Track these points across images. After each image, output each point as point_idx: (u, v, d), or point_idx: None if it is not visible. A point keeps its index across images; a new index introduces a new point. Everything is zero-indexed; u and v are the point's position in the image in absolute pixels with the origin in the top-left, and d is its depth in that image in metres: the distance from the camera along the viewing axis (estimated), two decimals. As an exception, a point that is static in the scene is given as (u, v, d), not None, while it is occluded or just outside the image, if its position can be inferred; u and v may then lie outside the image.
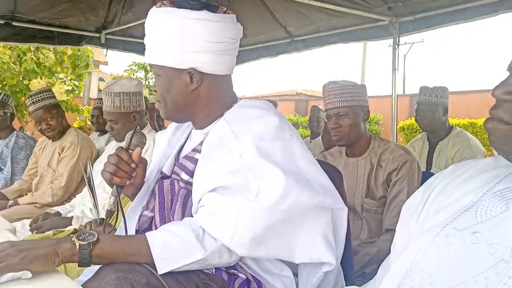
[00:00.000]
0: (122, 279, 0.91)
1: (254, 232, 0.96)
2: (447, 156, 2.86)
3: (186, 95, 1.12)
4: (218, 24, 1.07)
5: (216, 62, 1.10)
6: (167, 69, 1.11)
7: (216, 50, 1.08)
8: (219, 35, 1.07)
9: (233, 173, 1.00)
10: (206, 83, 1.12)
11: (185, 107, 1.15)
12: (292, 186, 0.96)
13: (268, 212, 0.95)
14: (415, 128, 11.37)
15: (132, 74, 22.22)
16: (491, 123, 0.62)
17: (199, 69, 1.09)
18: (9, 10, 3.58)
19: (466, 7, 3.07)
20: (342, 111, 1.93)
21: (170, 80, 1.12)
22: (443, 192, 0.73)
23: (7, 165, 3.08)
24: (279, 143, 1.03)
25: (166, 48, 1.08)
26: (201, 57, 1.08)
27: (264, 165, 0.98)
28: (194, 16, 1.05)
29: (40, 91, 2.71)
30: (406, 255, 0.70)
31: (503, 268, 0.57)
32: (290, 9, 3.71)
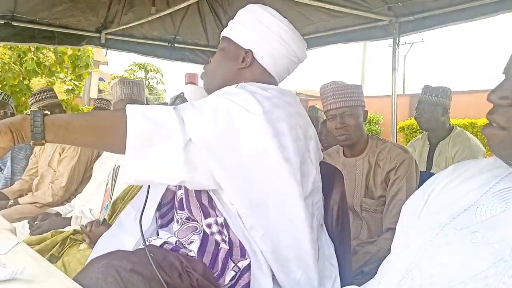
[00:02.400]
0: (108, 266, 0.93)
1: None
2: (448, 156, 2.86)
3: (233, 70, 1.25)
4: (291, 34, 1.24)
5: (271, 58, 1.23)
6: (230, 42, 1.26)
7: (277, 48, 1.22)
8: (287, 41, 1.23)
9: (223, 91, 1.10)
10: (253, 69, 1.24)
11: (226, 81, 1.24)
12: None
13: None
14: (415, 128, 11.38)
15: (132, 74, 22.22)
16: (488, 129, 0.62)
17: (254, 55, 1.23)
18: (9, 10, 3.58)
19: (466, 7, 3.07)
20: (347, 110, 1.94)
21: (228, 52, 1.26)
22: (443, 192, 0.73)
23: (7, 165, 3.08)
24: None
25: (240, 28, 1.25)
26: (263, 46, 1.22)
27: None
28: (277, 16, 1.24)
29: (43, 90, 2.73)
30: (406, 254, 0.70)
31: (503, 268, 0.57)
32: (290, 9, 3.71)
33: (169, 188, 1.27)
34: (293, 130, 1.10)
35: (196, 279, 1.03)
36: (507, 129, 0.60)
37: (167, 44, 4.62)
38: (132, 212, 1.29)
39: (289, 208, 1.06)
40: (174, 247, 1.12)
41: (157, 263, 0.98)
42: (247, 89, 1.10)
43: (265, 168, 1.04)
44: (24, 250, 1.10)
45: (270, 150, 1.03)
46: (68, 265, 1.69)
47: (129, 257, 0.98)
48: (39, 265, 0.99)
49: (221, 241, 1.09)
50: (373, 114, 13.99)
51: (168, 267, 1.01)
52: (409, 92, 17.66)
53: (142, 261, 0.97)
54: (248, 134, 1.02)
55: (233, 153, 1.00)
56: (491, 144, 0.63)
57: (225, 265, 1.07)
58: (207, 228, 1.12)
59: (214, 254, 1.08)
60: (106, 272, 0.92)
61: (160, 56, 4.76)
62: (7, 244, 1.12)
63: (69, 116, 0.95)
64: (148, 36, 4.49)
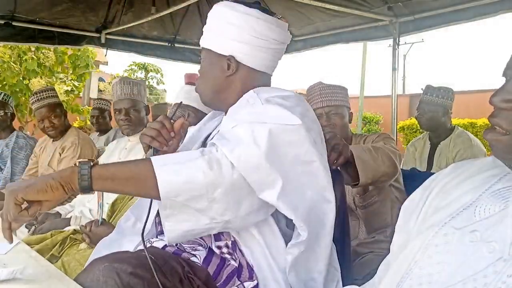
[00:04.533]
0: (109, 268, 0.93)
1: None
2: (448, 156, 2.86)
3: (221, 80, 1.22)
4: (265, 23, 1.17)
5: (254, 56, 1.20)
6: (211, 53, 1.23)
7: (256, 44, 1.18)
8: (262, 32, 1.17)
9: (250, 113, 1.06)
10: (241, 73, 1.21)
11: (218, 92, 1.24)
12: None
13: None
14: (415, 128, 11.38)
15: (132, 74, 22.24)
16: (490, 134, 0.62)
17: (237, 58, 1.19)
18: (9, 10, 3.58)
19: (466, 7, 3.06)
20: (333, 109, 1.99)
21: (211, 63, 1.24)
22: (442, 191, 0.74)
23: (7, 165, 3.08)
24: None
25: (215, 34, 1.21)
26: (242, 47, 1.18)
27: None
28: (244, 11, 1.17)
29: (44, 89, 2.72)
30: (405, 254, 0.70)
31: (502, 267, 0.57)
32: (290, 9, 3.71)
33: None
34: (318, 137, 1.13)
35: (197, 286, 1.03)
36: (511, 133, 0.60)
37: (167, 44, 4.62)
38: (131, 218, 1.27)
39: (327, 215, 1.09)
40: (176, 250, 1.11)
41: (157, 267, 0.98)
42: (272, 102, 1.09)
43: (311, 176, 1.06)
44: (24, 250, 1.10)
45: (314, 159, 1.05)
46: (68, 265, 1.69)
47: (130, 259, 0.98)
48: (39, 265, 0.99)
49: (230, 259, 1.09)
50: (373, 114, 13.99)
51: (169, 271, 1.00)
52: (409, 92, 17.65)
53: (143, 264, 0.97)
54: (292, 146, 1.03)
55: (282, 169, 1.00)
56: (495, 149, 0.63)
57: (230, 279, 1.07)
58: (217, 249, 1.12)
59: (220, 266, 1.08)
60: (107, 274, 0.92)
61: (160, 56, 4.76)
62: (7, 244, 1.12)
63: (114, 167, 0.97)
64: (148, 36, 4.49)
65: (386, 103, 4.55)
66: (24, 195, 0.89)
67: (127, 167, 0.97)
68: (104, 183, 0.94)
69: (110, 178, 0.94)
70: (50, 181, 0.91)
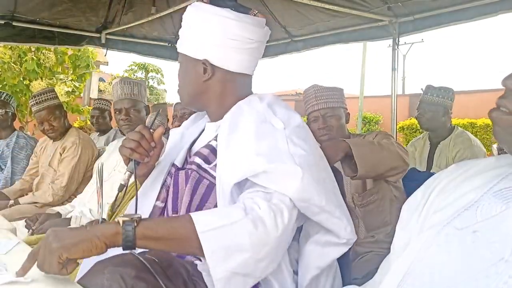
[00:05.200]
0: (113, 272, 0.93)
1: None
2: (448, 156, 2.86)
3: (198, 85, 1.20)
4: (237, 23, 1.13)
5: (229, 58, 1.16)
6: (186, 57, 1.20)
7: (230, 46, 1.14)
8: (236, 33, 1.13)
9: (274, 148, 1.03)
10: (217, 77, 1.18)
11: (197, 96, 1.22)
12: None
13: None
14: (415, 128, 11.38)
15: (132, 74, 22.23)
16: (496, 112, 0.62)
17: (212, 62, 1.16)
18: (9, 10, 3.57)
19: (466, 7, 3.06)
20: (329, 112, 2.00)
21: (187, 68, 1.22)
22: (444, 191, 0.74)
23: (7, 165, 3.08)
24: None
25: (188, 38, 1.19)
26: (216, 50, 1.15)
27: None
28: (215, 12, 1.13)
29: (43, 92, 2.72)
30: (406, 254, 0.70)
31: (503, 267, 0.57)
32: (290, 9, 3.71)
33: (156, 205, 1.22)
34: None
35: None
36: None
37: (167, 44, 4.62)
38: None
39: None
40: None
41: (161, 270, 0.97)
42: (294, 137, 1.09)
43: (334, 182, 1.14)
44: (24, 250, 1.10)
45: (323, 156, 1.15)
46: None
47: (133, 262, 0.97)
48: (40, 265, 0.99)
49: None
50: (373, 114, 14.00)
51: (173, 275, 0.99)
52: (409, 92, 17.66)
53: (147, 267, 0.96)
54: (315, 146, 1.13)
55: (321, 170, 1.09)
56: (497, 128, 0.63)
57: None
58: None
59: None
60: (111, 278, 0.91)
61: (160, 56, 4.76)
62: (7, 244, 1.12)
63: (157, 227, 0.94)
64: (148, 36, 4.49)
65: (386, 103, 4.55)
66: (69, 255, 0.86)
67: (171, 227, 0.94)
68: (147, 243, 0.92)
69: (154, 239, 0.92)
70: (96, 241, 0.88)
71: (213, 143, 1.17)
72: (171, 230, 0.93)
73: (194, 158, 1.17)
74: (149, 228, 0.92)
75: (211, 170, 1.13)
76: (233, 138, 1.08)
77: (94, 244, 0.88)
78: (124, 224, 0.90)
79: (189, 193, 1.13)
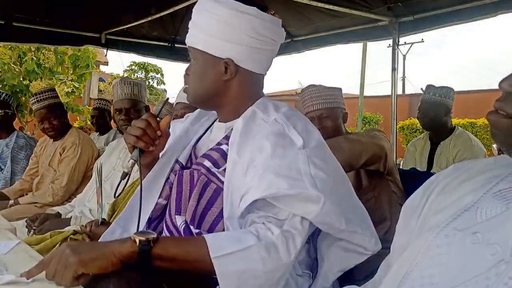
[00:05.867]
0: (119, 276, 0.91)
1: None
2: (448, 156, 2.86)
3: (218, 84, 1.14)
4: (264, 22, 1.10)
5: (254, 59, 1.13)
6: (205, 55, 1.13)
7: (255, 46, 1.11)
8: (262, 33, 1.10)
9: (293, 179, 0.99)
10: (239, 77, 1.14)
11: (214, 96, 1.16)
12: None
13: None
14: (415, 128, 11.37)
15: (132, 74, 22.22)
16: (493, 115, 0.62)
17: (236, 62, 1.12)
18: (9, 10, 3.58)
19: (466, 7, 3.07)
20: (324, 112, 1.99)
21: (206, 66, 1.14)
22: (443, 192, 0.73)
23: (7, 165, 3.08)
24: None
25: (210, 35, 1.10)
26: (241, 50, 1.10)
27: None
28: (243, 10, 1.08)
29: (44, 90, 2.72)
30: (406, 255, 0.70)
31: (503, 269, 0.57)
32: (290, 9, 3.70)
33: (159, 202, 1.22)
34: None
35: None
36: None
37: (167, 44, 4.62)
38: (117, 229, 1.19)
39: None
40: None
41: (168, 274, 0.97)
42: (300, 119, 1.14)
43: (347, 184, 1.17)
44: (24, 250, 1.10)
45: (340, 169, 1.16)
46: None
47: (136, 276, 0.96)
48: (39, 265, 0.99)
49: None
50: (373, 114, 13.99)
51: (181, 278, 0.99)
52: (409, 92, 17.65)
53: (153, 272, 0.95)
54: (333, 162, 1.13)
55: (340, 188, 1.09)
56: (495, 131, 0.62)
57: None
58: None
59: None
60: (118, 284, 0.90)
61: (160, 56, 4.76)
62: (8, 244, 1.12)
63: (173, 248, 0.95)
64: (148, 36, 4.49)
65: (386, 103, 4.55)
66: (85, 270, 0.87)
67: (186, 250, 0.95)
68: (162, 263, 0.93)
69: (168, 260, 0.93)
70: (112, 259, 0.89)
71: (224, 147, 1.14)
72: (185, 253, 0.95)
73: (203, 161, 1.15)
74: (165, 250, 0.93)
75: (220, 174, 1.11)
76: (248, 148, 1.06)
77: (111, 262, 0.89)
78: (140, 244, 0.91)
79: (196, 197, 1.11)
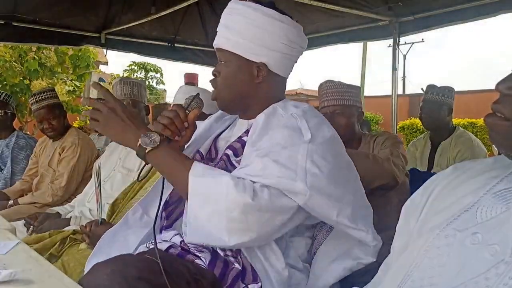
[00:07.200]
0: (115, 273, 0.92)
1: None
2: (449, 156, 2.86)
3: (250, 86, 1.20)
4: (294, 30, 1.18)
5: (283, 64, 1.20)
6: (239, 58, 1.18)
7: (286, 52, 1.18)
8: (293, 40, 1.17)
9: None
10: (269, 80, 1.20)
11: (244, 97, 1.22)
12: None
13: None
14: (415, 128, 11.38)
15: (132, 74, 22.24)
16: (491, 118, 0.62)
17: (268, 66, 1.17)
18: (9, 10, 3.58)
19: (466, 7, 3.06)
20: (338, 109, 1.96)
21: (238, 69, 1.19)
22: (443, 193, 0.73)
23: (7, 165, 3.07)
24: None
25: (246, 39, 1.15)
26: (274, 55, 1.17)
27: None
28: (278, 18, 1.15)
29: (43, 91, 2.72)
30: (406, 256, 0.70)
31: (503, 269, 0.57)
32: (291, 8, 3.70)
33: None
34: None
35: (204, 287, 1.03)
36: (511, 120, 0.59)
37: (167, 44, 4.61)
38: (139, 210, 1.27)
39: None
40: (180, 252, 1.11)
41: (163, 270, 0.97)
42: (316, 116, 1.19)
43: (355, 184, 1.20)
44: (24, 250, 1.10)
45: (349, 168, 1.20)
46: (68, 265, 1.69)
47: (135, 263, 0.97)
48: (39, 265, 0.99)
49: (234, 262, 1.10)
50: (373, 114, 13.99)
51: (175, 274, 1.00)
52: (409, 92, 17.66)
53: (149, 268, 0.96)
54: (339, 160, 1.16)
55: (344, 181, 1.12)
56: (493, 134, 0.62)
57: (235, 283, 1.07)
58: (221, 252, 1.12)
59: (224, 269, 1.08)
60: (113, 279, 0.90)
61: (160, 56, 4.76)
62: (7, 244, 1.12)
63: (164, 163, 1.10)
64: (148, 36, 4.49)
65: (386, 103, 4.55)
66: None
67: (172, 167, 1.08)
68: (153, 163, 1.09)
69: (156, 165, 1.09)
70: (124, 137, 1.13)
71: (245, 138, 1.19)
72: (170, 169, 1.08)
73: (226, 150, 1.20)
74: (155, 160, 1.08)
75: (237, 163, 1.15)
76: (263, 138, 1.11)
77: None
78: (139, 147, 1.08)
79: None
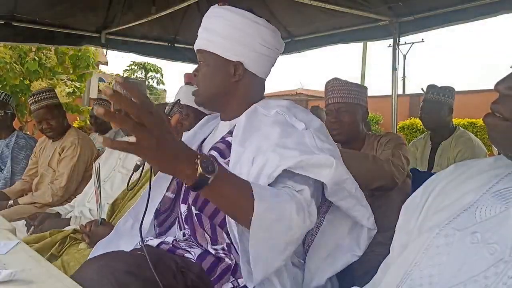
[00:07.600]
0: (104, 267, 0.94)
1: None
2: (449, 156, 2.85)
3: (227, 85, 1.23)
4: (271, 32, 1.23)
5: (260, 64, 1.24)
6: (217, 57, 1.21)
7: (262, 53, 1.22)
8: (269, 41, 1.22)
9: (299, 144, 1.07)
10: (245, 79, 1.23)
11: (222, 95, 1.24)
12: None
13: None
14: (415, 128, 11.39)
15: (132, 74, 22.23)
16: (490, 118, 0.62)
17: (245, 65, 1.21)
18: (9, 10, 3.57)
19: (466, 7, 3.06)
20: (343, 107, 1.96)
21: (216, 68, 1.23)
22: (443, 192, 0.73)
23: (7, 165, 3.07)
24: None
25: (224, 38, 1.20)
26: (250, 54, 1.21)
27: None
28: (255, 20, 1.20)
29: (42, 91, 2.72)
30: (405, 255, 0.70)
31: (502, 268, 0.57)
32: (291, 8, 3.70)
33: (166, 195, 1.28)
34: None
35: (190, 279, 1.05)
36: (510, 120, 0.59)
37: (167, 44, 4.61)
38: (129, 220, 1.29)
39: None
40: (171, 248, 1.13)
41: (151, 264, 0.98)
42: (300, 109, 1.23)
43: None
44: (24, 250, 1.10)
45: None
46: (68, 264, 1.69)
47: (125, 258, 0.99)
48: (39, 265, 0.99)
49: (226, 258, 1.11)
50: (373, 114, 13.99)
51: (163, 268, 1.02)
52: (409, 92, 17.66)
53: (138, 263, 0.98)
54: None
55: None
56: (492, 134, 0.62)
57: (224, 275, 1.08)
58: (213, 251, 1.13)
59: (215, 263, 1.09)
60: (102, 273, 0.92)
61: (160, 56, 4.76)
62: (7, 244, 1.12)
63: (228, 188, 0.91)
64: (148, 36, 4.49)
65: (386, 103, 4.55)
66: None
67: (235, 193, 0.92)
68: (215, 193, 0.90)
69: (219, 195, 0.91)
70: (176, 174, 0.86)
71: (229, 139, 1.21)
72: (235, 193, 0.92)
73: (211, 152, 1.21)
74: (213, 191, 0.88)
75: (225, 165, 1.14)
76: (254, 139, 1.12)
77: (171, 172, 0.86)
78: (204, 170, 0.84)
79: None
